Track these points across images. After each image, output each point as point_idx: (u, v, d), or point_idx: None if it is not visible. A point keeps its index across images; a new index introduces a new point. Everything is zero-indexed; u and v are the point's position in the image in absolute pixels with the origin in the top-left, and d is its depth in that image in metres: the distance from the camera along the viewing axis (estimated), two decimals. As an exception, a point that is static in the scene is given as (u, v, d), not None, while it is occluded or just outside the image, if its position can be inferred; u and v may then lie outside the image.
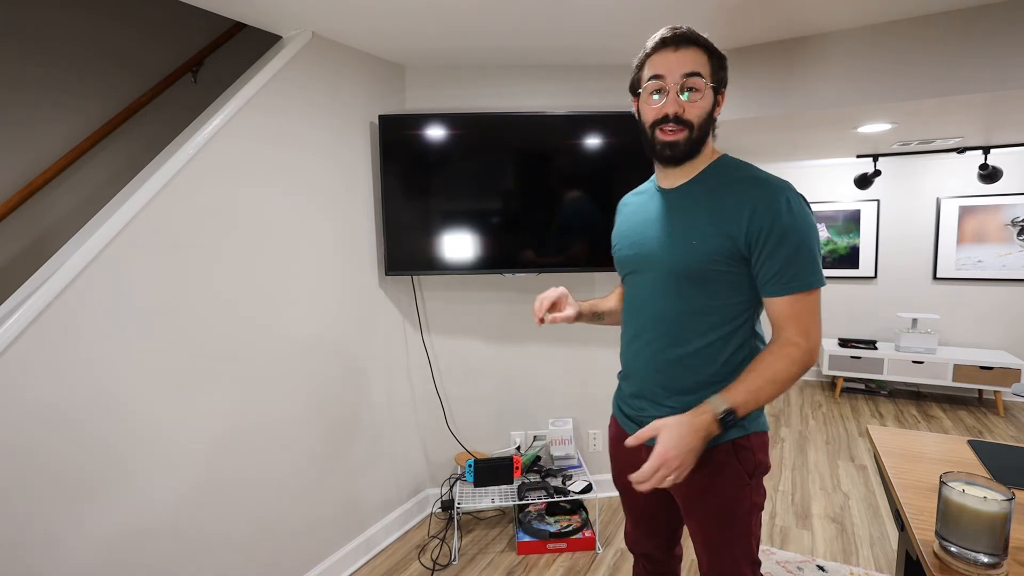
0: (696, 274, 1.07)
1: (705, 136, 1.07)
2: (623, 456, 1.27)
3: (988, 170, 3.46)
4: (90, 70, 2.17)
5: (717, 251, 1.04)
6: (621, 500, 1.34)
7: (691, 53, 1.03)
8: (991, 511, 0.87)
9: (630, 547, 1.38)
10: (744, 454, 1.09)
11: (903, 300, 4.45)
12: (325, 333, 2.05)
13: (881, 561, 2.18)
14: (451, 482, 2.49)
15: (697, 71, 1.02)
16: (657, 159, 1.12)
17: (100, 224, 1.41)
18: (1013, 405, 4.08)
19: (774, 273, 1.02)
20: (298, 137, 1.92)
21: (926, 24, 1.96)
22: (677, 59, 1.02)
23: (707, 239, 1.05)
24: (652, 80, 1.05)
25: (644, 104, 1.09)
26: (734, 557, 1.13)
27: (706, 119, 1.06)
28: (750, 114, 2.30)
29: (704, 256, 1.05)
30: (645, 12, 1.87)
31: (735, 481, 1.10)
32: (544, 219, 2.31)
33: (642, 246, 1.16)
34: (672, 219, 1.12)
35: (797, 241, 1.00)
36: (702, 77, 1.03)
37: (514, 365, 2.64)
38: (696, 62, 1.03)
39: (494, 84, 2.46)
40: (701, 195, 1.09)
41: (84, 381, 1.36)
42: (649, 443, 1.11)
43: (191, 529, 1.59)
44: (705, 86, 1.03)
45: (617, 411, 1.29)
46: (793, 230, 1.00)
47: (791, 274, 1.01)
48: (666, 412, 1.12)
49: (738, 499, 1.11)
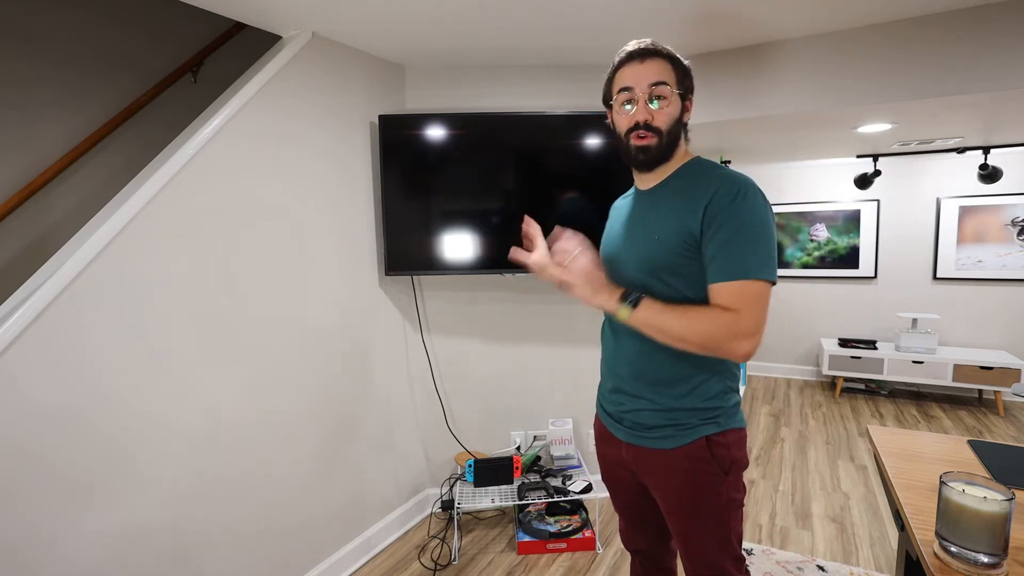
0: (662, 268, 1.10)
1: (675, 140, 1.12)
2: (607, 453, 1.29)
3: (988, 170, 3.46)
4: (90, 70, 2.17)
5: (677, 243, 1.07)
6: (610, 496, 1.36)
7: (656, 64, 1.09)
8: (991, 511, 0.87)
9: (624, 544, 1.41)
10: (719, 450, 1.10)
11: (903, 300, 4.45)
12: (325, 333, 2.05)
13: (881, 561, 2.18)
14: (451, 482, 2.49)
15: (663, 80, 1.08)
16: (632, 164, 1.17)
17: (100, 224, 1.41)
18: (1013, 405, 4.08)
19: (712, 257, 1.03)
20: (298, 137, 1.92)
21: (926, 24, 1.96)
22: (644, 70, 1.09)
23: (669, 233, 1.08)
24: (622, 92, 1.11)
25: (617, 115, 1.15)
26: (713, 552, 1.15)
27: (674, 125, 1.11)
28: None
29: (666, 249, 1.08)
30: (645, 12, 1.87)
31: (710, 478, 1.11)
32: (544, 219, 2.30)
33: (618, 245, 1.22)
34: (643, 218, 1.16)
35: (738, 227, 1.01)
36: (667, 85, 1.08)
37: (514, 365, 2.64)
38: (661, 72, 1.08)
39: (494, 84, 2.46)
40: (669, 193, 1.13)
41: (85, 380, 1.36)
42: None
43: (192, 528, 1.59)
44: (671, 93, 1.09)
45: (599, 408, 1.31)
46: (737, 217, 1.01)
47: (729, 259, 1.01)
48: (643, 404, 1.15)
49: (714, 495, 1.12)
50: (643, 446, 1.16)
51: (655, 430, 1.14)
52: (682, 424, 1.11)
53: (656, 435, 1.14)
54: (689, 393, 1.11)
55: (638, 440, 1.17)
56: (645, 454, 1.16)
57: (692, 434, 1.10)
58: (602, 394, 1.30)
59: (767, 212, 1.04)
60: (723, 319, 1.00)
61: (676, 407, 1.12)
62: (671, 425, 1.12)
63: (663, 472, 1.15)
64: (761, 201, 1.04)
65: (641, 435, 1.16)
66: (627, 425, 1.19)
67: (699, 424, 1.11)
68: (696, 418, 1.11)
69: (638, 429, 1.17)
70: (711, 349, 1.02)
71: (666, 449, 1.12)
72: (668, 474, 1.14)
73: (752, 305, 1.01)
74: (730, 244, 1.01)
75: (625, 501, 1.32)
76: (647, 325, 1.06)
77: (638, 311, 1.06)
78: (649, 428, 1.15)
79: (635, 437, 1.17)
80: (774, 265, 1.03)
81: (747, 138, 2.93)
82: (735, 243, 1.01)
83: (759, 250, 1.01)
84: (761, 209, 1.03)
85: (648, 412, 1.15)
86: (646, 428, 1.15)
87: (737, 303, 1.01)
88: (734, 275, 1.01)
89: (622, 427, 1.20)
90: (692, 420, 1.11)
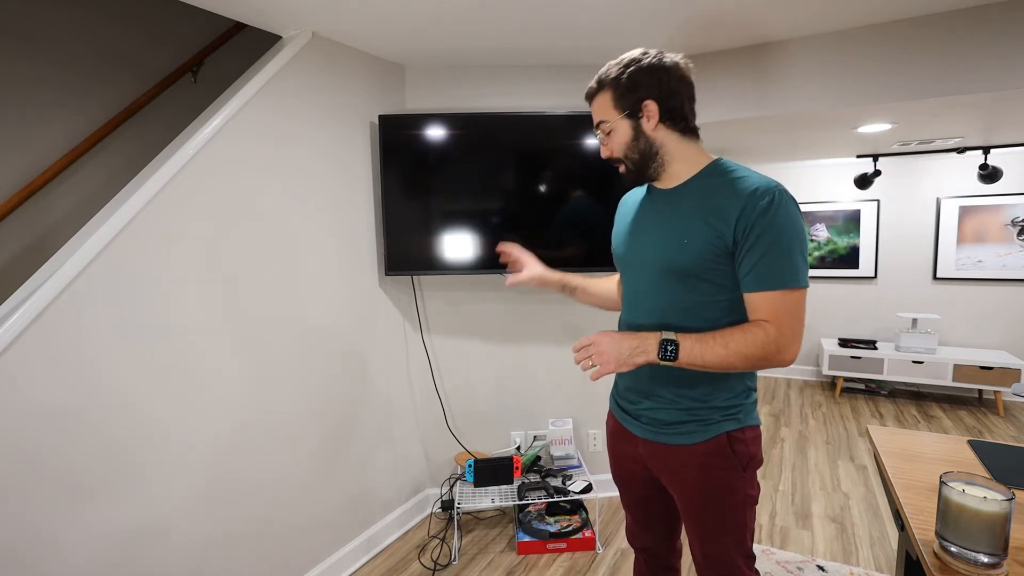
0: (688, 271, 1.09)
1: (648, 154, 1.13)
2: (621, 450, 1.30)
3: (988, 170, 3.46)
4: (90, 70, 2.17)
5: (707, 249, 1.06)
6: (619, 494, 1.36)
7: (596, 103, 1.16)
8: (991, 511, 0.87)
9: (630, 541, 1.40)
10: (739, 446, 1.11)
11: (903, 300, 4.45)
12: (326, 333, 2.05)
13: (881, 561, 2.18)
14: (451, 482, 2.49)
15: (603, 118, 1.15)
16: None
17: (100, 224, 1.41)
18: (1013, 405, 4.07)
19: (750, 268, 1.03)
20: (298, 137, 1.92)
21: (926, 24, 1.96)
22: (593, 111, 1.17)
23: (698, 238, 1.07)
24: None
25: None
26: (728, 549, 1.15)
27: (630, 145, 1.13)
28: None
29: (695, 254, 1.08)
30: (645, 12, 1.87)
31: (729, 473, 1.11)
32: (544, 219, 2.31)
33: (638, 244, 1.21)
34: (666, 219, 1.15)
35: (774, 238, 1.01)
36: (607, 121, 1.14)
37: (514, 365, 2.64)
38: (600, 109, 1.15)
39: (494, 84, 2.46)
40: (695, 196, 1.12)
41: (85, 380, 1.36)
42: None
43: (194, 527, 1.59)
44: (613, 123, 1.13)
45: (614, 405, 1.32)
46: (772, 227, 1.01)
47: (766, 270, 1.02)
48: (662, 403, 1.15)
49: (732, 491, 1.12)
50: (662, 442, 1.16)
51: (675, 426, 1.14)
52: (704, 420, 1.12)
53: (676, 431, 1.14)
54: (710, 394, 1.11)
55: (656, 436, 1.17)
56: (663, 450, 1.16)
57: (714, 430, 1.11)
58: (617, 391, 1.30)
59: (798, 217, 1.04)
60: (763, 339, 1.01)
61: (697, 405, 1.12)
62: (692, 421, 1.12)
63: (682, 468, 1.15)
64: (793, 206, 1.04)
65: (660, 431, 1.16)
66: (644, 422, 1.19)
67: (721, 420, 1.11)
68: (718, 414, 1.11)
69: (656, 425, 1.17)
70: (759, 366, 1.04)
71: (686, 445, 1.13)
72: (687, 470, 1.14)
73: (790, 314, 1.02)
74: (767, 256, 1.01)
75: (635, 498, 1.32)
76: (691, 366, 1.06)
77: (680, 359, 1.05)
78: (668, 424, 1.15)
79: (653, 433, 1.17)
80: (807, 268, 1.05)
81: (747, 138, 2.93)
82: (772, 255, 1.01)
83: (795, 258, 1.02)
84: (793, 215, 1.03)
85: (667, 410, 1.15)
86: (665, 424, 1.15)
87: (776, 313, 1.02)
88: (772, 286, 1.02)
89: (639, 423, 1.21)
90: (714, 416, 1.11)
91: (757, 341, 1.01)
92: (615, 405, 1.31)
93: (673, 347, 1.05)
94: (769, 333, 1.01)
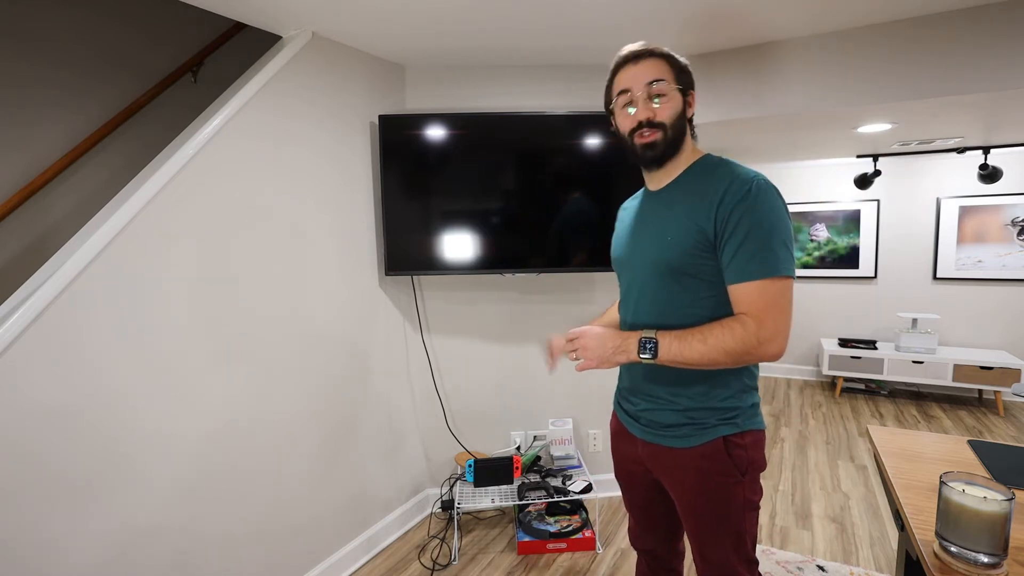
0: (675, 269, 1.09)
1: (680, 135, 1.12)
2: (622, 450, 1.30)
3: (988, 170, 3.46)
4: (90, 70, 2.17)
5: (690, 244, 1.06)
6: (622, 494, 1.36)
7: (651, 63, 1.10)
8: (991, 511, 0.87)
9: (632, 543, 1.40)
10: (736, 451, 1.10)
11: (903, 300, 4.45)
12: (325, 333, 2.05)
13: (881, 561, 2.18)
14: (451, 482, 2.49)
15: (660, 77, 1.09)
16: (640, 163, 1.17)
17: (101, 224, 1.41)
18: (1013, 405, 4.07)
19: (731, 259, 1.03)
20: (298, 137, 1.92)
21: (926, 24, 1.96)
22: (640, 70, 1.10)
23: (681, 233, 1.08)
24: (621, 95, 1.13)
25: (619, 118, 1.16)
26: (726, 553, 1.14)
27: (678, 119, 1.11)
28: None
29: (679, 250, 1.08)
30: (645, 12, 1.87)
31: (726, 478, 1.10)
32: (544, 219, 2.31)
33: (632, 247, 1.22)
34: (655, 218, 1.16)
35: (753, 226, 1.00)
36: (665, 82, 1.09)
37: (514, 365, 2.64)
38: (657, 70, 1.10)
39: (494, 84, 2.46)
40: (680, 193, 1.13)
41: (85, 380, 1.36)
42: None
43: (194, 527, 1.59)
44: (670, 89, 1.10)
45: (616, 406, 1.33)
46: (750, 215, 1.00)
47: (746, 260, 1.01)
48: (660, 404, 1.15)
49: (729, 496, 1.11)
50: (659, 444, 1.16)
51: (672, 428, 1.14)
52: (699, 423, 1.11)
53: (673, 434, 1.14)
54: (706, 393, 1.11)
55: (654, 438, 1.17)
56: (661, 452, 1.16)
57: (709, 434, 1.10)
58: (620, 391, 1.31)
59: (780, 206, 1.03)
60: (744, 332, 1.00)
61: (693, 407, 1.11)
62: (688, 424, 1.12)
63: (679, 471, 1.14)
64: (774, 195, 1.03)
65: (658, 433, 1.16)
66: (643, 423, 1.19)
67: (717, 424, 1.10)
68: (714, 417, 1.10)
69: (654, 427, 1.17)
70: (743, 361, 1.02)
71: (683, 448, 1.12)
72: (683, 473, 1.14)
73: (772, 305, 1.00)
74: (746, 245, 1.00)
75: (637, 499, 1.32)
76: (673, 363, 1.05)
77: (660, 356, 1.05)
78: (666, 427, 1.15)
79: (651, 435, 1.17)
80: (792, 259, 1.03)
81: (747, 138, 2.93)
82: (751, 244, 1.00)
83: (775, 247, 1.01)
84: (774, 204, 1.02)
85: (664, 411, 1.15)
86: (663, 426, 1.15)
87: (758, 305, 1.00)
88: (753, 275, 1.01)
89: (638, 424, 1.21)
90: (710, 419, 1.10)
91: (736, 335, 1.00)
92: (617, 405, 1.32)
93: (652, 344, 1.05)
94: (748, 326, 1.00)
